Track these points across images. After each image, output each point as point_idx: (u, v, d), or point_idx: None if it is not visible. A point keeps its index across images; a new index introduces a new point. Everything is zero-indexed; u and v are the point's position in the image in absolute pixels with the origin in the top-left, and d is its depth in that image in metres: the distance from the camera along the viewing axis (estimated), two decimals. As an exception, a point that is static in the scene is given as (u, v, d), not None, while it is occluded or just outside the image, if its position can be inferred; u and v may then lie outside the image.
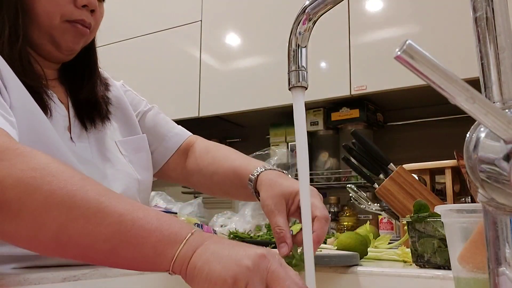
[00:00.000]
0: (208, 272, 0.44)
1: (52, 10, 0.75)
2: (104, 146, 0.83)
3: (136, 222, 0.47)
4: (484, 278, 0.49)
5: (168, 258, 0.47)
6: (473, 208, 0.51)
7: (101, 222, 0.47)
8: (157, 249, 0.47)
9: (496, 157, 0.32)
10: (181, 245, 0.47)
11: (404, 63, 0.30)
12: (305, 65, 0.51)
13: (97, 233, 0.47)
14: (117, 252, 0.48)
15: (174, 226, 0.48)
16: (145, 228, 0.47)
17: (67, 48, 0.79)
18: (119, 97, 0.92)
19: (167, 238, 0.47)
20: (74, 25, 0.77)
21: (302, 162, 0.52)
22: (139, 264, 0.49)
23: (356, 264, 0.76)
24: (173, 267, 0.47)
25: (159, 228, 0.47)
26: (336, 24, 1.97)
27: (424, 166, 1.21)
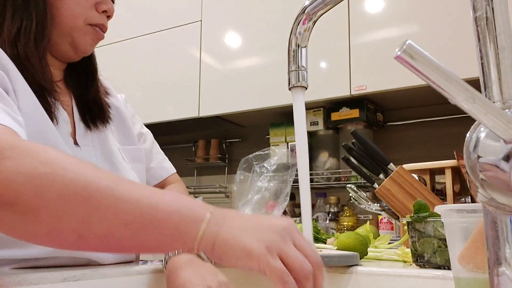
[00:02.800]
0: (241, 246, 0.47)
1: (77, 13, 0.78)
2: (108, 151, 0.84)
3: (154, 206, 0.48)
4: (484, 278, 0.49)
5: (192, 236, 0.48)
6: (473, 208, 0.51)
7: (119, 210, 0.48)
8: (179, 229, 0.48)
9: (496, 157, 0.32)
10: (203, 223, 0.48)
11: (404, 63, 0.30)
12: (305, 65, 0.51)
13: (116, 221, 0.48)
14: (139, 237, 0.48)
15: (192, 205, 0.50)
16: (164, 210, 0.48)
17: (84, 50, 0.81)
18: (118, 106, 0.93)
19: (187, 218, 0.48)
20: (95, 28, 0.81)
21: (302, 162, 0.53)
22: (163, 246, 0.50)
23: (356, 264, 0.76)
24: (199, 245, 0.48)
25: (178, 209, 0.49)
26: (336, 24, 1.97)
27: (424, 166, 1.21)
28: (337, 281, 0.74)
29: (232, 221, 0.49)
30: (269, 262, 0.46)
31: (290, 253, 0.47)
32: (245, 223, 0.49)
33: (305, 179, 0.53)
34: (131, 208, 0.48)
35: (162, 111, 2.42)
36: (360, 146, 1.16)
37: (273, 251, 0.46)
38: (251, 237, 0.47)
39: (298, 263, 0.47)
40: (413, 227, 0.75)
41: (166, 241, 0.49)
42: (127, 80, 2.54)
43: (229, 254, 0.48)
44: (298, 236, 0.49)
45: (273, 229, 0.48)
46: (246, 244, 0.47)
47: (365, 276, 0.72)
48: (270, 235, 0.47)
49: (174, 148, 2.73)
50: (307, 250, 0.48)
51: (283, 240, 0.47)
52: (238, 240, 0.47)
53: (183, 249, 0.51)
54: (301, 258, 0.47)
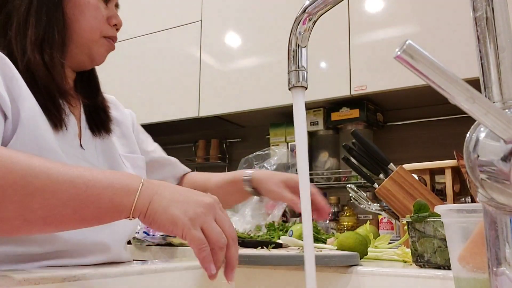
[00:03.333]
0: (169, 217, 0.55)
1: (95, 26, 0.85)
2: (110, 156, 0.89)
3: (88, 183, 0.55)
4: (484, 278, 0.49)
5: (126, 207, 0.56)
6: (473, 208, 0.51)
7: (56, 191, 0.54)
8: (114, 202, 0.55)
9: (496, 157, 0.32)
10: (136, 194, 0.56)
11: (404, 63, 0.30)
12: (305, 65, 0.51)
13: (56, 202, 0.54)
14: (79, 213, 0.55)
15: (125, 179, 0.57)
16: (98, 186, 0.55)
17: (99, 60, 0.89)
18: (120, 120, 0.98)
19: (120, 191, 0.56)
20: (109, 40, 0.88)
21: (302, 162, 0.52)
22: (102, 218, 0.57)
23: (356, 264, 0.76)
24: (132, 214, 0.56)
25: (111, 184, 0.56)
26: (336, 24, 1.97)
27: (424, 166, 1.21)
28: (337, 281, 0.74)
29: (162, 193, 0.57)
30: (190, 232, 0.54)
31: (210, 226, 0.55)
32: (175, 196, 0.57)
33: (305, 179, 0.53)
34: (67, 188, 0.54)
35: (162, 111, 2.42)
36: (360, 146, 1.17)
37: (196, 223, 0.55)
38: (178, 209, 0.55)
39: (215, 235, 0.55)
40: (413, 227, 0.75)
41: (103, 214, 0.56)
42: (127, 80, 2.54)
43: (158, 222, 0.56)
44: (219, 212, 0.58)
45: (199, 204, 0.56)
46: (173, 215, 0.55)
47: (365, 276, 0.72)
48: (195, 208, 0.56)
49: (174, 148, 2.73)
50: (225, 225, 0.57)
51: (206, 215, 0.56)
52: (167, 211, 0.55)
53: (119, 219, 0.57)
54: (218, 230, 0.56)
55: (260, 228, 1.82)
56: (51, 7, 0.80)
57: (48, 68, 0.77)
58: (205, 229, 0.55)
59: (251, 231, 1.81)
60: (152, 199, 0.56)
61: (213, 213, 0.57)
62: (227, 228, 0.57)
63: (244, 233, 1.67)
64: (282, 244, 1.04)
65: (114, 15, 0.89)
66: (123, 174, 0.59)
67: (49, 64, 0.77)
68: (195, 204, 0.56)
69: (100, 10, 0.86)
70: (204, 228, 0.55)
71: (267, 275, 0.79)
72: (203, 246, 0.55)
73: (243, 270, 0.80)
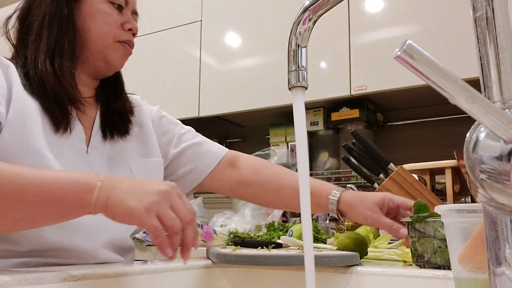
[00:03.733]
0: (126, 208, 0.59)
1: (107, 31, 0.88)
2: (116, 162, 0.90)
3: (52, 185, 0.61)
4: (484, 278, 0.49)
5: (88, 203, 0.61)
6: (473, 208, 0.51)
7: (24, 196, 0.61)
8: (76, 200, 0.61)
9: (496, 157, 0.32)
10: (95, 191, 0.61)
11: (404, 63, 0.30)
12: (305, 65, 0.51)
13: (25, 205, 0.61)
14: (47, 213, 0.62)
15: (84, 178, 0.62)
16: (61, 187, 0.61)
17: (115, 65, 0.92)
18: (143, 122, 1.00)
19: (81, 189, 0.61)
20: (123, 45, 0.92)
21: (302, 162, 0.52)
22: (68, 216, 0.64)
23: (356, 264, 0.76)
24: (95, 209, 0.61)
25: (73, 184, 0.61)
26: (336, 24, 1.97)
27: (424, 166, 1.21)
28: (337, 281, 0.74)
29: (120, 187, 0.61)
30: (146, 220, 0.58)
31: (164, 213, 0.59)
32: (132, 189, 0.61)
33: (305, 179, 0.53)
34: (33, 191, 0.61)
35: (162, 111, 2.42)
36: (360, 146, 1.17)
37: (151, 211, 0.59)
38: (135, 200, 0.59)
39: (169, 221, 0.59)
40: (413, 227, 0.75)
41: (68, 212, 0.63)
42: (127, 80, 2.54)
43: (117, 214, 0.60)
44: (175, 198, 0.61)
45: (154, 193, 0.60)
46: (130, 206, 0.59)
47: (365, 276, 0.72)
48: (150, 197, 0.60)
49: (174, 148, 2.73)
50: (180, 210, 0.61)
51: (160, 202, 0.60)
52: (124, 203, 0.60)
53: (84, 214, 0.62)
54: (172, 216, 0.60)
55: (260, 228, 1.82)
56: (62, 20, 0.86)
57: (57, 76, 0.82)
58: (160, 216, 0.59)
59: (251, 231, 1.81)
60: (110, 194, 0.61)
61: (168, 200, 0.61)
62: (182, 213, 0.61)
63: (244, 233, 1.67)
64: (282, 244, 1.04)
65: (128, 20, 0.92)
66: (86, 173, 0.65)
67: (58, 73, 0.82)
68: (151, 194, 0.60)
69: (112, 16, 0.89)
70: (159, 215, 0.59)
71: (267, 275, 0.79)
72: (158, 232, 0.59)
73: (243, 270, 0.80)
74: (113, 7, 0.90)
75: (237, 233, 1.62)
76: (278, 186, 0.97)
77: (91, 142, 0.88)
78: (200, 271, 0.78)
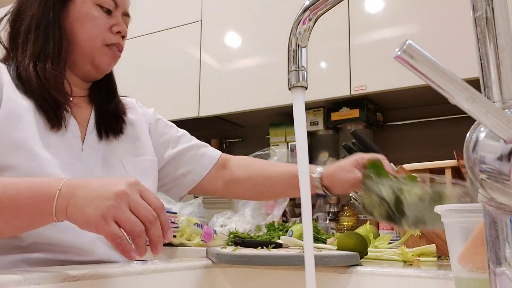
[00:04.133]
0: (84, 216, 0.59)
1: (95, 35, 0.88)
2: (109, 161, 0.91)
3: (12, 197, 0.63)
4: (484, 278, 0.49)
5: (49, 212, 0.61)
6: (473, 208, 0.51)
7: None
8: (38, 209, 0.62)
9: (496, 157, 0.32)
10: (55, 200, 0.61)
11: (404, 63, 0.30)
12: (305, 65, 0.51)
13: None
14: (12, 223, 0.64)
15: (44, 186, 0.62)
16: (22, 198, 0.62)
17: (104, 68, 0.92)
18: (137, 122, 1.01)
19: (41, 199, 0.61)
20: (111, 48, 0.91)
21: (302, 162, 0.52)
22: (33, 224, 0.66)
23: (356, 264, 0.76)
24: (56, 218, 0.61)
25: (32, 193, 0.62)
26: (336, 24, 1.97)
27: (424, 166, 1.21)
28: (337, 281, 0.74)
29: (78, 193, 0.60)
30: (103, 228, 0.57)
31: (122, 217, 0.57)
32: (89, 194, 0.59)
33: (305, 179, 0.53)
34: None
35: (162, 111, 2.41)
36: (360, 146, 1.16)
37: (107, 218, 0.57)
38: (91, 208, 0.58)
39: (129, 225, 0.57)
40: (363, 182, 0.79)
41: (33, 221, 0.64)
42: (127, 80, 2.54)
43: (77, 223, 0.60)
44: (133, 197, 0.59)
45: (108, 197, 0.58)
46: (86, 214, 0.58)
47: (365, 276, 0.72)
48: (106, 203, 0.57)
49: (174, 148, 2.73)
50: (140, 210, 0.58)
51: (116, 206, 0.57)
52: (81, 211, 0.59)
53: (49, 222, 0.63)
54: (131, 220, 0.57)
55: (260, 228, 1.82)
56: (48, 24, 0.86)
57: (41, 80, 0.82)
58: (118, 220, 0.57)
59: (251, 231, 1.81)
60: (69, 202, 0.60)
61: (125, 201, 0.58)
62: (142, 213, 0.58)
63: (244, 233, 1.67)
64: (282, 244, 1.04)
65: (117, 23, 0.92)
66: (45, 181, 0.64)
67: (42, 77, 0.82)
68: (106, 198, 0.58)
69: (100, 19, 0.89)
70: (117, 220, 0.57)
71: (267, 275, 0.79)
72: (118, 240, 0.57)
73: (243, 270, 0.80)
74: (101, 11, 0.90)
75: (237, 233, 1.62)
76: (266, 176, 1.01)
77: (86, 140, 0.89)
78: (200, 271, 0.78)
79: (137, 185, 0.61)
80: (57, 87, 0.84)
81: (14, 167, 0.75)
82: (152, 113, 1.09)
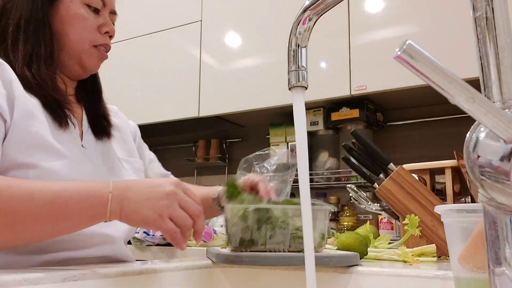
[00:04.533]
0: (140, 217, 0.65)
1: (84, 37, 0.88)
2: (109, 159, 0.92)
3: (67, 201, 0.65)
4: (484, 278, 0.49)
5: (102, 216, 0.66)
6: (473, 208, 0.51)
7: (40, 214, 0.64)
8: (90, 213, 0.65)
9: (496, 157, 0.32)
10: (108, 205, 0.65)
11: (404, 63, 0.30)
12: (305, 65, 0.51)
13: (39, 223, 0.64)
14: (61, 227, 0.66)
15: (96, 191, 0.66)
16: (75, 203, 0.65)
17: (91, 69, 0.92)
18: (121, 126, 1.02)
19: (94, 203, 0.65)
20: (99, 49, 0.91)
21: (302, 162, 0.52)
22: (81, 227, 0.68)
23: (356, 264, 0.76)
24: (109, 219, 0.66)
25: (85, 198, 0.65)
26: (336, 24, 1.97)
27: (424, 166, 1.21)
28: (337, 281, 0.74)
29: (129, 196, 0.65)
30: (161, 225, 0.64)
31: (176, 214, 0.65)
32: (140, 196, 0.65)
33: (305, 179, 0.53)
34: (49, 210, 0.64)
35: (162, 111, 2.42)
36: (360, 146, 1.16)
37: (164, 216, 0.64)
38: (147, 208, 0.65)
39: (182, 221, 0.65)
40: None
41: (83, 224, 0.68)
42: (127, 80, 2.54)
43: (132, 222, 0.66)
44: (182, 196, 0.67)
45: (161, 196, 0.65)
46: (143, 215, 0.65)
47: (365, 276, 0.72)
48: (160, 203, 0.65)
49: (174, 148, 2.73)
50: (189, 207, 0.66)
51: (170, 206, 0.65)
52: (137, 212, 0.65)
53: (98, 223, 0.67)
54: (183, 215, 0.65)
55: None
56: (37, 25, 0.85)
57: (37, 81, 0.82)
58: (173, 217, 0.65)
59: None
60: (122, 205, 0.66)
61: (176, 200, 0.66)
62: (191, 209, 0.67)
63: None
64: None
65: (105, 23, 0.91)
66: (93, 185, 0.67)
67: (38, 79, 0.82)
68: (158, 198, 0.65)
69: (89, 20, 0.88)
70: (172, 217, 0.65)
71: (267, 275, 0.79)
72: (174, 234, 0.65)
73: (243, 270, 0.80)
74: (89, 10, 0.89)
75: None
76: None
77: (84, 138, 0.89)
78: (200, 271, 0.78)
79: (180, 184, 0.69)
80: (54, 88, 0.84)
81: (37, 165, 0.75)
82: (136, 127, 1.11)
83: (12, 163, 0.74)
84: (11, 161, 0.74)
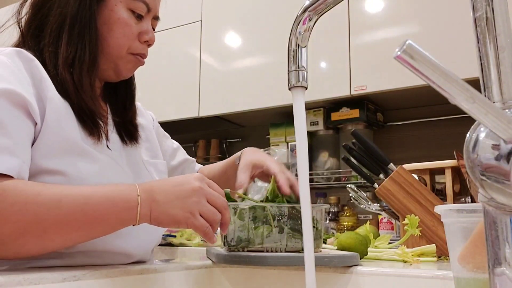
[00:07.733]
0: (171, 217, 0.65)
1: (122, 43, 0.83)
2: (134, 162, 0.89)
3: (95, 207, 0.64)
4: (484, 278, 0.49)
5: (132, 220, 0.65)
6: (473, 208, 0.51)
7: (69, 221, 0.63)
8: (120, 218, 0.65)
9: (496, 157, 0.32)
10: (138, 209, 0.65)
11: (404, 63, 0.30)
12: (305, 65, 0.51)
13: (70, 230, 0.64)
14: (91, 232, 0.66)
15: (124, 195, 0.65)
16: (104, 208, 0.64)
17: (124, 75, 0.89)
18: (147, 126, 1.00)
19: (124, 208, 0.65)
20: (136, 57, 0.87)
21: (302, 162, 0.53)
22: (111, 231, 0.67)
23: (356, 264, 0.76)
24: (139, 222, 0.66)
25: (114, 203, 0.64)
26: (336, 24, 1.97)
27: (424, 166, 1.21)
28: (337, 281, 0.74)
29: (158, 198, 0.65)
30: (193, 223, 0.65)
31: (205, 210, 0.66)
32: (168, 197, 0.65)
33: (305, 179, 0.53)
34: (78, 217, 0.63)
35: (162, 111, 2.42)
36: (360, 146, 1.16)
37: (195, 213, 0.65)
38: (176, 208, 0.65)
39: (211, 215, 0.66)
40: None
41: (112, 229, 0.67)
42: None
43: (163, 224, 0.66)
44: (208, 190, 0.67)
45: (189, 194, 0.65)
46: (174, 215, 0.65)
47: (365, 276, 0.72)
48: (189, 200, 0.65)
49: (174, 148, 2.73)
50: (216, 200, 0.67)
51: (198, 202, 0.65)
52: (167, 213, 0.65)
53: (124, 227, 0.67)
54: (212, 210, 0.66)
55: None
56: (84, 25, 0.79)
57: (77, 87, 0.77)
58: (203, 213, 0.66)
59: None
60: (151, 208, 0.65)
61: (203, 195, 0.66)
62: (218, 202, 0.68)
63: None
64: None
65: (146, 31, 0.87)
66: (121, 190, 0.66)
67: (78, 86, 0.77)
68: (186, 196, 0.65)
69: (130, 27, 0.83)
70: (202, 212, 0.66)
71: (267, 275, 0.79)
72: (206, 229, 0.65)
73: (243, 270, 0.80)
74: (133, 16, 0.84)
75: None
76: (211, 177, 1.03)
77: (110, 142, 0.85)
78: (200, 271, 0.78)
79: (204, 178, 0.69)
80: (91, 95, 0.79)
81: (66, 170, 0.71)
82: (154, 118, 1.09)
83: (42, 167, 0.70)
84: (40, 166, 0.70)
